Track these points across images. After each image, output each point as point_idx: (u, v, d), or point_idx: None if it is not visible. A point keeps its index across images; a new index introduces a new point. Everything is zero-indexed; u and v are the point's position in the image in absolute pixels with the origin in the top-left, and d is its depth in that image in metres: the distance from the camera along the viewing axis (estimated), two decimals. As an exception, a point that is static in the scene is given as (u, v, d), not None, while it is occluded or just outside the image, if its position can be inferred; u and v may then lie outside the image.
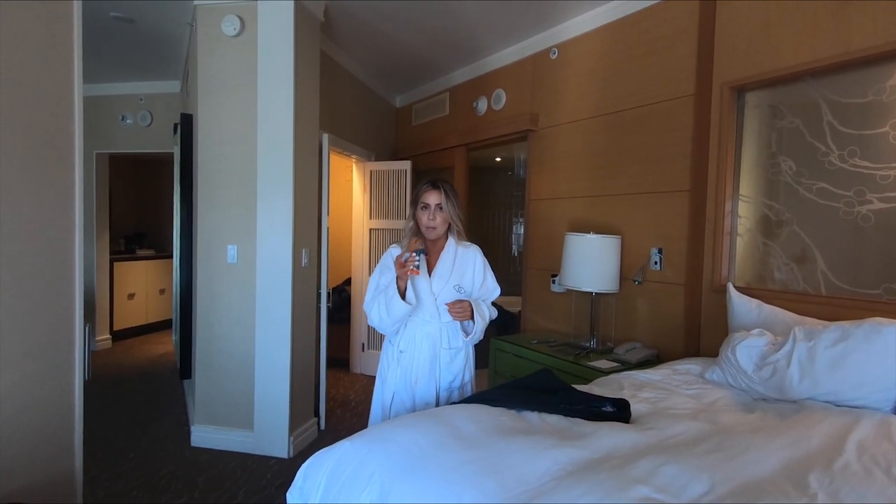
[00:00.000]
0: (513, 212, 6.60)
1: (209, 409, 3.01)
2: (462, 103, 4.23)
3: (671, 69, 2.67)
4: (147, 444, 3.03)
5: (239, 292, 2.95)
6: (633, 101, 2.86)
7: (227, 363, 2.98)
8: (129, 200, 6.74)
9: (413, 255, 1.77)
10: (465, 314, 1.85)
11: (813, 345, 1.71)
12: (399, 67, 4.26)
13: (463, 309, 1.84)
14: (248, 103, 2.89)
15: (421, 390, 1.85)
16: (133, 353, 5.20)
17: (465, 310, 1.84)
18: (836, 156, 2.09)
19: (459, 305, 1.84)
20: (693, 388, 1.87)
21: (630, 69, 2.88)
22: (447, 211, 1.87)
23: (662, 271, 2.72)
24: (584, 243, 2.75)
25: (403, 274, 1.77)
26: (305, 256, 3.06)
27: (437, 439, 1.22)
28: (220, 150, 2.96)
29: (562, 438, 1.22)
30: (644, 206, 2.80)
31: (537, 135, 3.49)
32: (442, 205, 1.86)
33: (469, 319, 1.86)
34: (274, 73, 2.85)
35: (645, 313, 2.80)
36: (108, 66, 4.46)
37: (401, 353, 1.90)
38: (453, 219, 1.89)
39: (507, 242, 6.67)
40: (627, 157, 2.89)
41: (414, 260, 1.76)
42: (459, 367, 1.93)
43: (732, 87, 2.39)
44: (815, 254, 2.16)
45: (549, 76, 3.41)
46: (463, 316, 1.85)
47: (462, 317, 1.85)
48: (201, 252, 3.00)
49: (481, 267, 2.00)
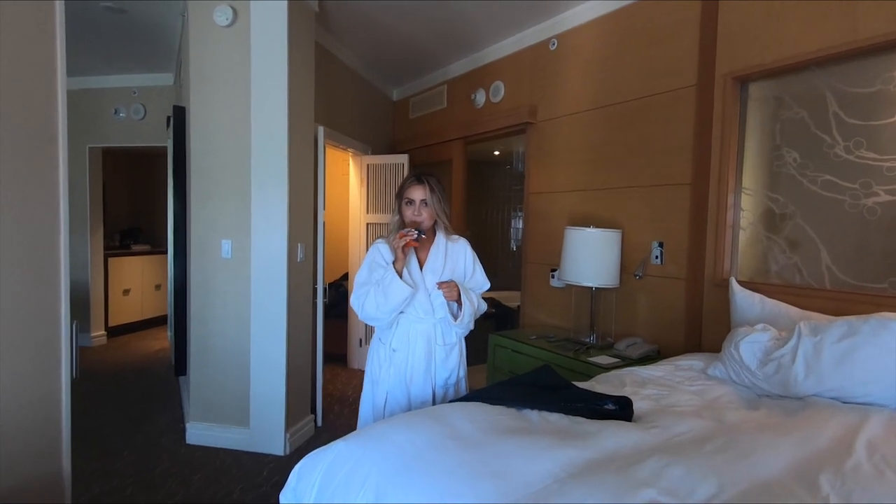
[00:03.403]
0: (511, 206, 6.55)
1: (204, 406, 2.97)
2: (460, 96, 4.18)
3: (673, 60, 2.62)
4: (142, 442, 2.99)
5: (234, 288, 2.91)
6: (633, 93, 2.81)
7: (222, 360, 2.93)
8: (124, 195, 6.67)
9: (412, 230, 1.76)
10: (454, 293, 1.81)
11: (819, 340, 1.67)
12: (396, 59, 4.19)
13: (450, 288, 1.80)
14: (242, 95, 2.83)
15: (417, 389, 1.81)
16: (128, 349, 5.16)
17: (453, 289, 1.80)
18: (841, 147, 2.05)
19: (448, 284, 1.81)
20: (696, 385, 1.83)
21: (631, 60, 2.82)
22: (432, 206, 1.83)
23: (663, 265, 2.68)
24: (584, 237, 2.71)
25: (402, 247, 1.74)
26: (301, 251, 3.01)
27: (433, 439, 1.18)
28: (214, 143, 2.90)
29: (563, 438, 1.18)
30: (645, 199, 2.76)
31: (536, 127, 3.44)
32: (427, 200, 1.82)
33: (456, 301, 1.82)
34: (268, 64, 2.79)
35: (645, 308, 2.77)
36: (101, 58, 4.39)
37: (394, 351, 1.85)
38: (439, 214, 1.85)
39: (506, 237, 6.62)
40: (628, 149, 2.85)
41: (412, 234, 1.75)
42: (454, 364, 1.89)
43: (735, 77, 2.34)
44: (819, 247, 2.12)
45: (548, 68, 3.35)
46: (451, 295, 1.80)
47: (451, 296, 1.81)
48: (195, 247, 2.95)
49: (471, 260, 1.97)
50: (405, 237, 1.75)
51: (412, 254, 1.88)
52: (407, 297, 1.77)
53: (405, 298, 1.76)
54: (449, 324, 1.87)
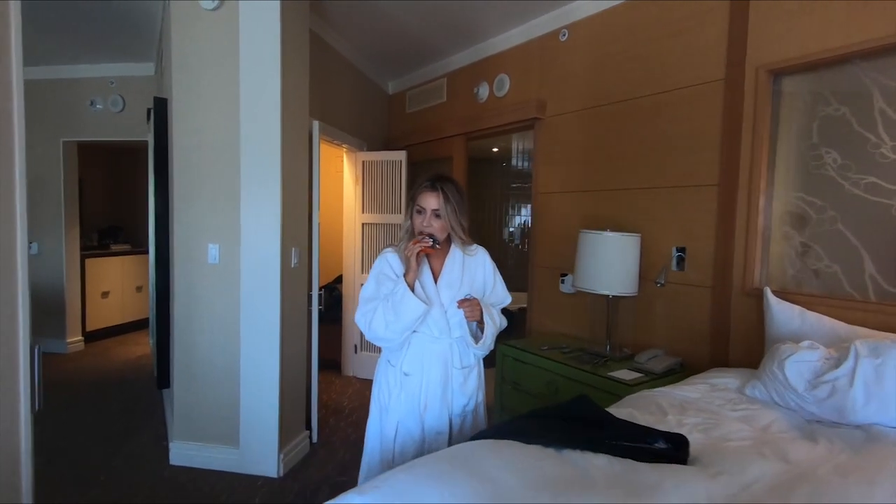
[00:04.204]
0: (508, 203, 6.38)
1: (190, 423, 2.74)
2: (461, 90, 3.96)
3: (698, 51, 2.44)
4: (121, 463, 2.75)
5: (221, 296, 2.67)
6: (653, 87, 2.63)
7: (208, 373, 2.70)
8: (102, 192, 6.35)
9: (426, 237, 1.58)
10: (476, 313, 1.61)
11: (881, 362, 1.51)
12: (393, 49, 3.96)
13: (473, 306, 1.60)
14: (230, 85, 2.59)
15: (432, 418, 1.61)
16: (108, 355, 4.87)
17: (475, 308, 1.60)
18: (888, 147, 1.89)
19: (470, 302, 1.60)
20: (739, 410, 1.66)
21: (651, 52, 2.64)
22: (446, 218, 1.60)
23: (684, 272, 2.51)
24: (600, 242, 2.53)
25: (416, 254, 1.55)
26: (295, 256, 2.79)
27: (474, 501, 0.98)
28: (199, 139, 2.66)
29: (626, 495, 0.99)
30: (665, 201, 2.58)
31: (545, 123, 3.24)
32: (440, 211, 1.60)
33: (479, 320, 1.63)
34: (258, 51, 2.55)
35: (665, 317, 2.60)
36: (75, 45, 4.09)
37: (405, 375, 1.64)
38: (453, 226, 1.62)
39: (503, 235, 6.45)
40: (647, 147, 2.67)
41: (427, 241, 1.57)
42: (473, 388, 1.69)
43: (769, 70, 2.17)
44: (861, 255, 1.97)
45: (558, 60, 3.15)
46: (473, 315, 1.61)
47: (473, 315, 1.61)
48: (179, 251, 2.71)
49: (491, 272, 1.76)
50: (419, 243, 1.56)
51: (425, 265, 1.67)
52: (421, 315, 1.56)
53: (419, 316, 1.56)
54: (468, 344, 1.67)
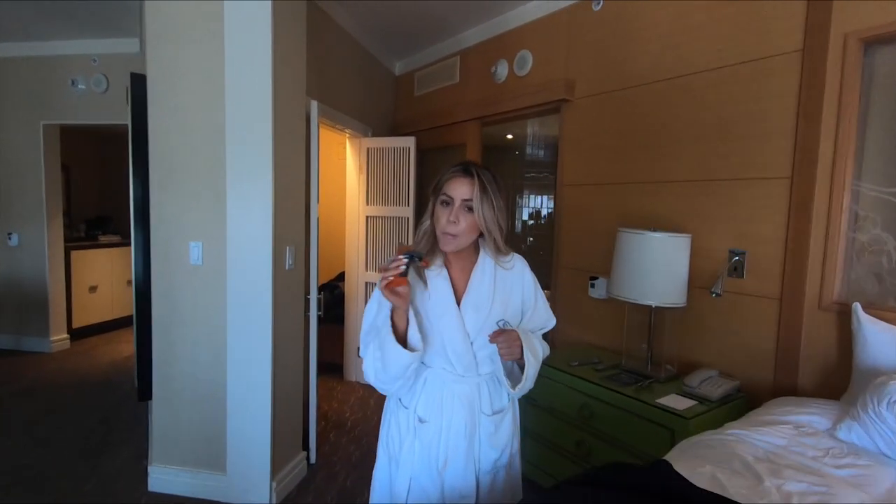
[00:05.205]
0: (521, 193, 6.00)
1: (170, 445, 2.42)
2: (476, 69, 3.58)
3: (766, 17, 2.05)
4: (94, 488, 2.43)
5: (205, 302, 2.34)
6: (707, 62, 2.24)
7: (191, 390, 2.38)
8: (91, 181, 6.01)
9: (401, 257, 1.15)
10: (516, 351, 1.23)
11: None
12: (400, 26, 3.57)
13: (510, 343, 1.22)
14: (214, 58, 2.23)
15: (454, 476, 1.25)
16: (94, 355, 4.57)
17: (514, 345, 1.22)
18: None
19: (506, 337, 1.22)
20: (844, 466, 1.31)
21: (705, 20, 2.25)
22: (480, 213, 1.20)
23: (743, 280, 2.15)
24: (643, 243, 2.17)
25: (385, 287, 1.13)
26: (290, 256, 2.44)
27: None
28: (178, 120, 2.30)
29: None
30: (722, 196, 2.21)
31: (574, 105, 2.86)
32: (473, 203, 1.20)
33: (519, 359, 1.26)
34: (246, 19, 2.18)
35: (717, 333, 2.24)
36: (53, 19, 3.72)
37: (420, 422, 1.29)
38: (489, 227, 1.22)
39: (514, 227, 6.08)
40: (697, 133, 2.29)
41: (400, 263, 1.13)
42: (507, 437, 1.34)
43: (861, 38, 1.78)
44: (979, 267, 1.60)
45: (590, 34, 2.76)
46: (512, 353, 1.23)
47: (511, 354, 1.23)
48: (157, 250, 2.37)
49: (531, 289, 1.37)
50: (389, 270, 1.13)
51: (443, 279, 1.30)
52: (409, 366, 1.20)
53: (407, 366, 1.19)
54: (500, 383, 1.31)
